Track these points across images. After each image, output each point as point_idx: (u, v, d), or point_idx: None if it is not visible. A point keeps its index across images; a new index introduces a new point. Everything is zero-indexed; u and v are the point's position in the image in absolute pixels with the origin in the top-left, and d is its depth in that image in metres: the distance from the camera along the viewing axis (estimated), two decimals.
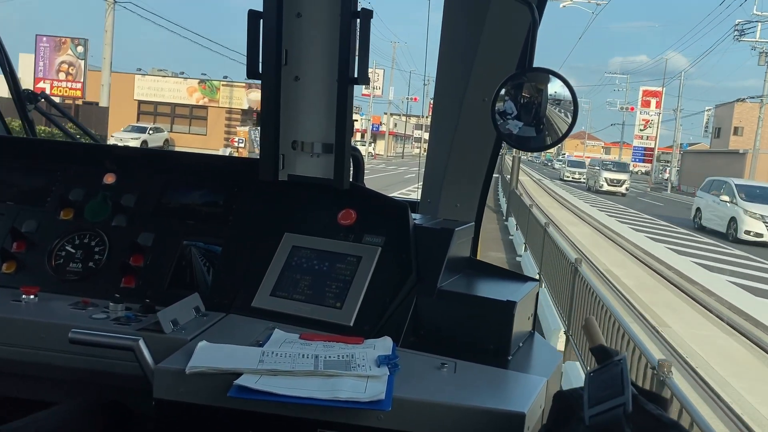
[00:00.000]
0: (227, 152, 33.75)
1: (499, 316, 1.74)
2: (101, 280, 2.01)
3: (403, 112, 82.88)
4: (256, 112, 41.99)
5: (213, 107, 43.32)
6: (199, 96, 43.48)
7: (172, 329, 1.71)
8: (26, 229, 2.11)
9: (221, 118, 43.24)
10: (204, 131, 43.34)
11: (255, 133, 40.34)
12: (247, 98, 42.87)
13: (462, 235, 2.02)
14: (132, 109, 42.48)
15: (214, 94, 43.40)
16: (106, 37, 29.37)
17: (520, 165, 22.79)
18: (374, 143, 70.37)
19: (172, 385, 1.52)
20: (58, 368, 1.78)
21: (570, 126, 1.78)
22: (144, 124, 40.02)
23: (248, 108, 42.94)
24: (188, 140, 41.31)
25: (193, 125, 43.85)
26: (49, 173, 2.24)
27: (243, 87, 42.78)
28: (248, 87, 42.14)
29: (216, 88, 43.33)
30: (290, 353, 1.59)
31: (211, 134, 42.82)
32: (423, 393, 1.50)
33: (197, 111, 43.93)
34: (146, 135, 36.89)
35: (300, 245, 1.95)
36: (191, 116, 44.12)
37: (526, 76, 1.82)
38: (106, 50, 29.34)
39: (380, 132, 73.58)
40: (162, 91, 43.62)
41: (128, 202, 2.15)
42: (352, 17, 1.86)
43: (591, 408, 1.15)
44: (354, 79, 1.91)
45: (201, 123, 43.75)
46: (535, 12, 1.80)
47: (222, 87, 43.17)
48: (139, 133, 36.47)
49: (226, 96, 43.25)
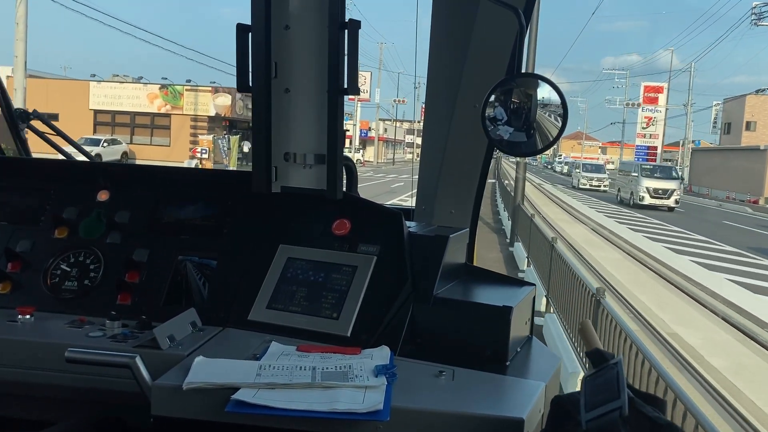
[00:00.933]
0: (192, 164, 31.19)
1: (496, 321, 1.74)
2: (97, 298, 2.00)
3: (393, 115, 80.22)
4: (227, 119, 40.09)
5: (176, 115, 39.68)
6: (161, 103, 39.90)
7: (169, 345, 1.71)
8: (21, 249, 2.10)
9: (186, 126, 39.74)
10: (167, 142, 39.82)
11: (222, 141, 38.34)
12: (213, 104, 39.72)
13: (457, 242, 2.02)
14: (87, 120, 38.97)
15: (178, 101, 39.70)
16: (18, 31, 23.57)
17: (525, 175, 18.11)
18: (363, 150, 67.30)
19: (170, 402, 1.52)
20: (55, 387, 1.78)
21: (560, 130, 1.79)
22: (100, 135, 36.77)
23: (215, 114, 39.90)
24: (150, 152, 38.12)
25: (155, 135, 40.30)
26: (42, 192, 2.24)
27: (209, 91, 39.54)
28: (214, 91, 39.39)
29: (179, 94, 39.67)
30: (287, 366, 1.59)
31: (175, 145, 39.25)
32: (421, 402, 1.50)
33: (159, 120, 40.23)
34: (100, 148, 32.92)
35: (295, 257, 1.95)
36: (153, 125, 40.44)
37: (515, 82, 1.83)
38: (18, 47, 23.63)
39: (369, 138, 70.95)
40: (120, 99, 40.03)
41: (122, 218, 2.14)
42: (340, 28, 1.86)
43: (588, 412, 1.15)
44: (344, 90, 1.91)
45: (164, 133, 40.16)
46: (522, 18, 1.80)
47: (186, 92, 39.66)
48: (91, 146, 31.46)
49: (191, 102, 39.74)
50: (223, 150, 38.41)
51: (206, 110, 39.72)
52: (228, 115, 39.89)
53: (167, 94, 39.71)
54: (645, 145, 68.09)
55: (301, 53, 1.96)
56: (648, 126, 67.52)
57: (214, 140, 37.76)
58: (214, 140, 37.74)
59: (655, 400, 1.23)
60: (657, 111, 67.57)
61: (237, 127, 42.18)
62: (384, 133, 77.88)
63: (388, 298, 1.82)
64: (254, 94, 1.98)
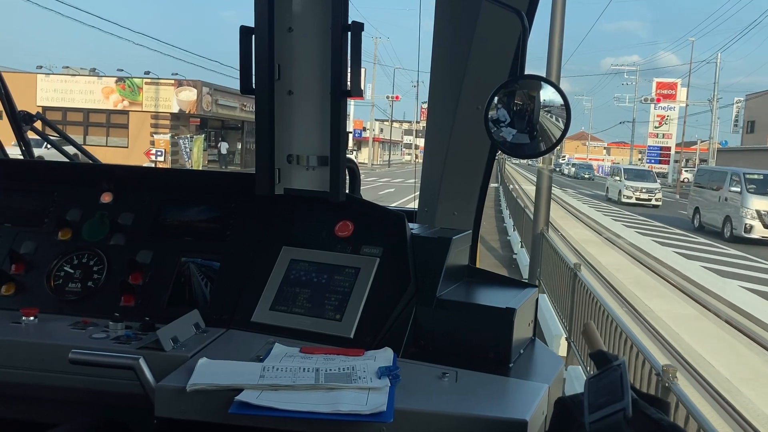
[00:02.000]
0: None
1: (499, 323, 1.74)
2: (100, 300, 2.01)
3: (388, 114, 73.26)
4: (196, 117, 35.58)
5: (135, 112, 34.50)
6: (117, 98, 34.94)
7: (173, 347, 1.71)
8: (24, 251, 2.11)
9: (146, 124, 34.75)
10: (125, 142, 34.98)
11: (184, 142, 33.96)
12: (176, 99, 34.45)
13: (460, 244, 2.02)
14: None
15: (136, 95, 34.69)
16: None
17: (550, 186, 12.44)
18: (357, 151, 62.14)
19: (174, 403, 1.52)
20: (58, 389, 1.78)
21: (563, 132, 1.79)
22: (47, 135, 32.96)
23: (179, 111, 34.75)
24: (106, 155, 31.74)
25: (111, 135, 35.34)
26: (46, 194, 2.25)
27: (171, 84, 34.47)
28: (177, 85, 34.33)
29: (138, 88, 34.63)
30: (291, 367, 1.59)
31: (133, 146, 34.49)
32: (425, 403, 1.50)
33: (116, 117, 35.22)
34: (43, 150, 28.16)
35: (298, 258, 1.95)
36: (109, 124, 35.28)
37: (517, 84, 1.83)
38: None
39: (364, 138, 66.57)
40: (72, 93, 34.89)
41: (126, 220, 2.15)
42: (343, 30, 1.87)
43: (591, 414, 1.15)
44: (347, 92, 1.91)
45: (121, 132, 35.25)
46: (525, 20, 1.81)
47: (145, 86, 34.67)
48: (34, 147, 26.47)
49: (151, 97, 34.66)
50: (185, 151, 34.21)
51: (168, 106, 34.74)
52: (193, 112, 35.21)
53: (124, 89, 34.75)
54: (657, 146, 63.67)
55: (304, 55, 1.97)
56: (660, 125, 62.20)
57: (173, 140, 33.34)
58: (172, 140, 33.33)
59: (659, 402, 1.23)
60: (670, 109, 62.37)
61: (209, 125, 39.19)
62: (380, 134, 73.18)
63: (391, 299, 1.82)
64: (257, 96, 1.98)
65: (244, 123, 40.93)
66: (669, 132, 62.61)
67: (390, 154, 75.36)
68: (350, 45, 1.89)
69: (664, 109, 62.18)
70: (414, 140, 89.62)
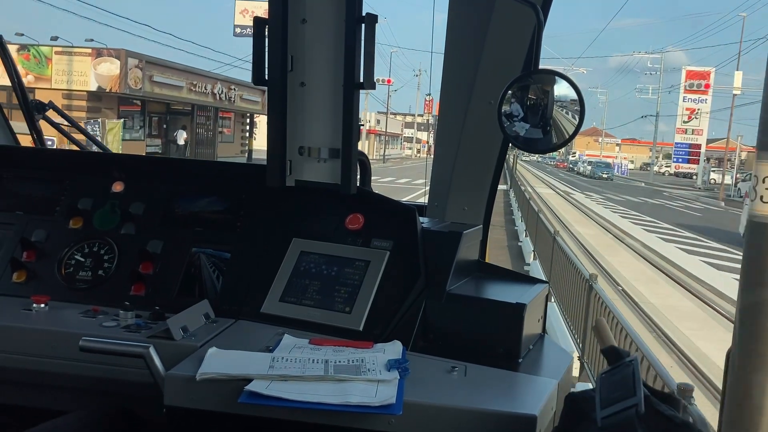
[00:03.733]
0: None
1: (509, 318, 1.73)
2: (111, 288, 2.01)
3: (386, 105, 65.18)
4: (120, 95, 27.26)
5: (43, 89, 23.89)
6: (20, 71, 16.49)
7: (182, 336, 1.72)
8: (36, 239, 2.12)
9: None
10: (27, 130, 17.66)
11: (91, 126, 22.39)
12: (94, 73, 26.48)
13: (470, 238, 2.01)
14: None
15: (44, 68, 26.68)
16: None
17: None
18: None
19: (183, 392, 1.52)
20: (68, 376, 1.79)
21: (577, 126, 1.78)
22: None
23: (97, 88, 26.65)
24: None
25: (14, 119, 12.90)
26: (57, 183, 2.25)
27: (87, 54, 26.71)
28: (96, 55, 26.63)
29: (45, 59, 26.73)
30: (300, 358, 1.59)
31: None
32: (434, 397, 1.50)
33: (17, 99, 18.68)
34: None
35: (308, 250, 1.95)
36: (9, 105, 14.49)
37: (531, 78, 1.82)
38: None
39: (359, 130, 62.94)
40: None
41: (137, 210, 2.15)
42: (357, 23, 1.86)
43: (603, 409, 1.14)
44: (360, 84, 1.91)
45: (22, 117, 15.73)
46: (540, 14, 1.79)
47: (55, 56, 26.77)
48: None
49: (62, 70, 26.62)
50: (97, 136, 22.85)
51: (85, 83, 26.59)
52: (115, 90, 26.92)
53: (29, 59, 26.65)
54: (686, 143, 56.42)
55: (318, 47, 1.96)
56: (690, 119, 55.16)
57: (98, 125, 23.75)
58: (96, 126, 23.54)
59: (671, 399, 1.22)
60: (701, 101, 55.55)
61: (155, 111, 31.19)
62: (376, 125, 64.53)
63: (401, 293, 1.82)
64: (270, 87, 1.98)
65: (194, 107, 32.92)
66: (699, 127, 55.75)
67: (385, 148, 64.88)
68: (364, 37, 1.88)
69: (695, 101, 55.55)
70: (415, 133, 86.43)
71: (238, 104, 37.28)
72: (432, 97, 77.94)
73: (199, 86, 32.33)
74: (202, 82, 32.50)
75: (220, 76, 34.85)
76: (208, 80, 33.38)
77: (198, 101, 32.91)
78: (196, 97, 32.41)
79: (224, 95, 35.04)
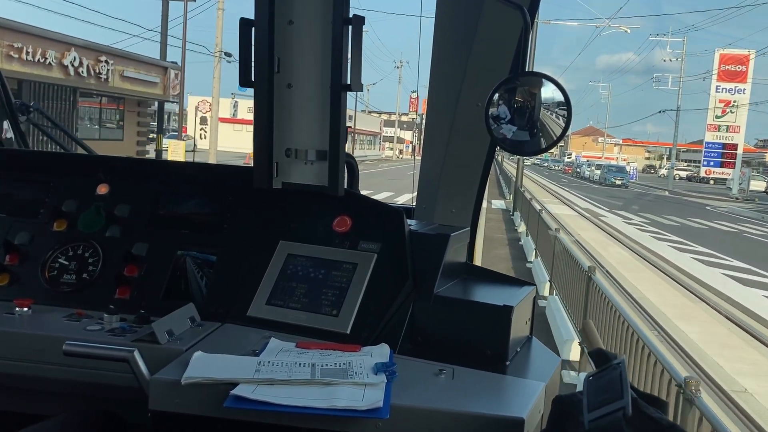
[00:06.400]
0: None
1: (497, 321, 1.73)
2: (96, 292, 1.99)
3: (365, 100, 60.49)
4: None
5: None
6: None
7: (168, 340, 1.70)
8: (19, 241, 2.09)
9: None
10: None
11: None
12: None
13: (458, 241, 2.01)
14: None
15: None
16: None
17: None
18: None
19: (168, 397, 1.51)
20: (52, 381, 1.77)
21: (564, 129, 1.78)
22: None
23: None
24: None
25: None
26: (41, 185, 2.23)
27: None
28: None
29: None
30: (287, 362, 1.58)
31: None
32: (421, 400, 1.49)
33: None
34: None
35: (295, 253, 1.94)
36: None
37: (518, 80, 1.82)
38: None
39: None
40: None
41: (122, 212, 2.13)
42: (343, 24, 1.85)
43: (590, 412, 1.14)
44: (347, 86, 1.90)
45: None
46: (527, 16, 1.80)
47: None
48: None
49: None
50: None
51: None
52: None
53: None
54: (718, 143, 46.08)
55: (304, 49, 1.95)
56: (724, 113, 45.46)
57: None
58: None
59: (658, 401, 1.22)
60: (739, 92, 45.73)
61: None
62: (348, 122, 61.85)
63: (389, 296, 1.81)
64: (256, 89, 1.97)
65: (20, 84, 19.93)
66: (736, 124, 45.99)
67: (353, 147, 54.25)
68: (351, 39, 1.87)
69: (730, 92, 45.77)
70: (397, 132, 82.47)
71: (117, 84, 24.59)
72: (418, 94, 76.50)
73: (32, 53, 20.32)
74: (36, 46, 20.42)
75: (77, 40, 22.37)
76: (51, 44, 21.01)
77: (31, 76, 20.47)
78: (23, 69, 20.04)
79: (88, 70, 22.87)
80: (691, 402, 3.44)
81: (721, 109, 46.09)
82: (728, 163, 46.66)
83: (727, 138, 46.78)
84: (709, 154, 47.60)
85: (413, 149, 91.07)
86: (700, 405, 3.39)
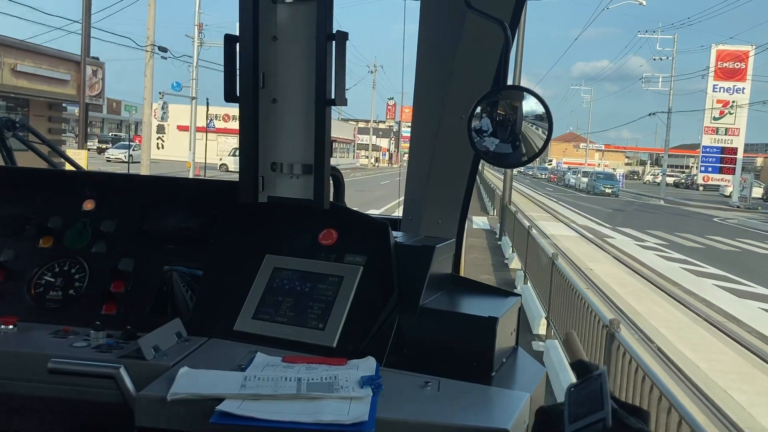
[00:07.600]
0: None
1: (482, 332, 1.74)
2: (82, 308, 1.99)
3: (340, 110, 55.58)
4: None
5: None
6: None
7: (154, 356, 1.70)
8: (4, 258, 2.09)
9: None
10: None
11: None
12: None
13: (443, 252, 2.02)
14: None
15: None
16: None
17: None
18: None
19: (154, 413, 1.51)
20: (38, 399, 1.76)
21: (546, 141, 1.80)
22: None
23: None
24: None
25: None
26: (27, 201, 2.23)
27: None
28: None
29: None
30: (273, 377, 1.58)
31: None
32: (407, 413, 1.50)
33: None
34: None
35: (281, 266, 1.95)
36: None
37: (500, 94, 1.84)
38: None
39: None
40: None
41: (108, 228, 2.13)
42: (327, 39, 1.87)
43: (571, 423, 1.15)
44: (331, 101, 1.92)
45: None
46: (508, 30, 1.82)
47: None
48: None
49: None
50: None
51: None
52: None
53: None
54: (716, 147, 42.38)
55: (289, 64, 1.97)
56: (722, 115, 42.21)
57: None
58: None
59: (639, 411, 1.23)
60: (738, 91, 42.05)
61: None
62: None
63: (375, 308, 1.82)
64: (241, 104, 1.98)
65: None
66: (735, 126, 42.38)
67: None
68: (335, 54, 1.89)
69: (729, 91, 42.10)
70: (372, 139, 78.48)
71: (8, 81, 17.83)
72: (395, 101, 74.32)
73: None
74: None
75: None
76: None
77: None
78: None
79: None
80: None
81: (719, 110, 42.84)
82: (727, 169, 43.14)
83: (726, 141, 43.15)
84: (707, 159, 43.33)
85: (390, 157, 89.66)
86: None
